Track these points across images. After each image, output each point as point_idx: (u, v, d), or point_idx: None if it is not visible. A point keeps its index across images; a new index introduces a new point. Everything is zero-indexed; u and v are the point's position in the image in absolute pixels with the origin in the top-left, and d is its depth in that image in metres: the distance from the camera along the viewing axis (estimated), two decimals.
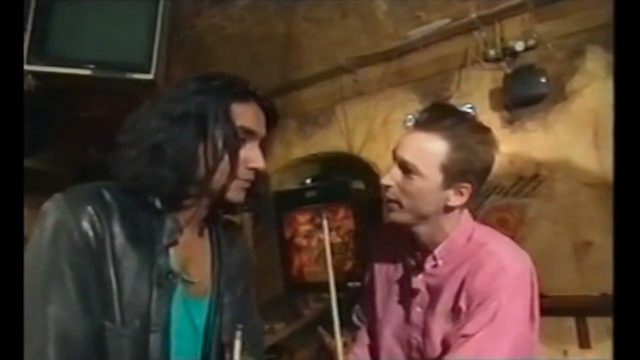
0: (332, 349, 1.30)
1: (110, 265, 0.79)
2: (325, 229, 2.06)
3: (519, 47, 2.43)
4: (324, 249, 3.49)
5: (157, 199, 0.88)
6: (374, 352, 1.29)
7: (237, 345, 0.91)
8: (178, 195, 0.88)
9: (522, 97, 2.41)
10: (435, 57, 2.73)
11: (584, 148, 2.27)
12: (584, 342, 2.12)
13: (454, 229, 1.14)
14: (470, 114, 1.17)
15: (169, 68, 2.32)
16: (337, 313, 1.97)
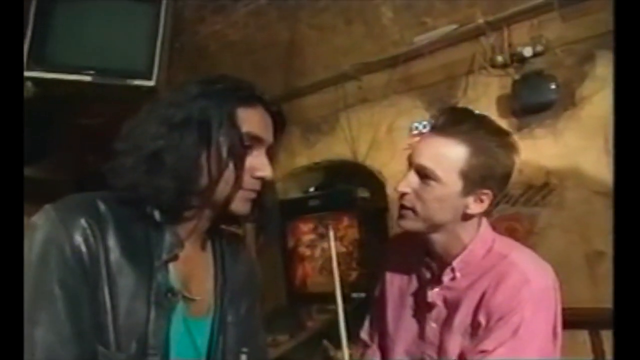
0: None
1: (104, 284, 0.73)
2: (331, 238, 2.01)
3: (527, 52, 2.38)
4: (327, 259, 3.45)
5: (156, 211, 0.81)
6: None
7: None
8: (178, 207, 0.82)
9: (531, 103, 2.36)
10: (441, 63, 2.69)
11: (595, 155, 2.22)
12: (599, 356, 2.06)
13: (473, 239, 1.08)
14: (488, 117, 1.12)
15: (171, 75, 2.27)
16: (345, 326, 1.91)
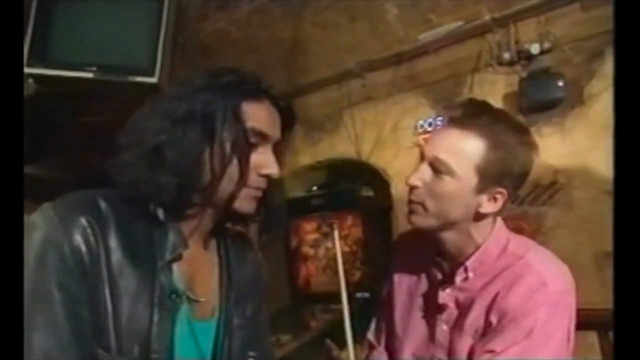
0: None
1: (105, 285, 0.70)
2: (336, 237, 1.98)
3: (535, 50, 2.35)
4: (331, 258, 3.43)
5: (160, 209, 0.79)
6: None
7: None
8: (180, 204, 0.79)
9: (538, 101, 2.33)
10: (447, 60, 2.65)
11: (603, 154, 2.17)
12: (607, 358, 2.03)
13: (487, 238, 1.05)
14: (507, 112, 1.09)
15: (174, 72, 2.25)
16: (350, 326, 1.88)
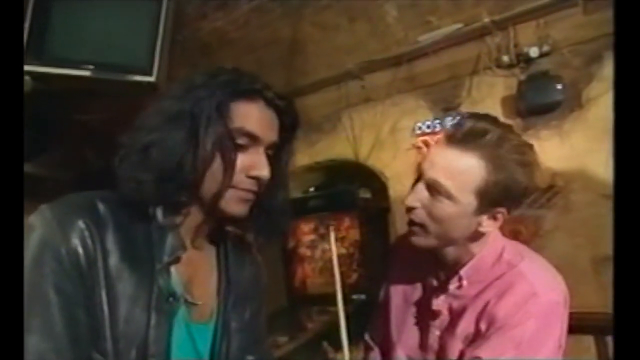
0: None
1: (102, 288, 0.70)
2: (332, 239, 1.98)
3: (534, 53, 2.35)
4: (328, 260, 3.42)
5: (159, 211, 0.78)
6: None
7: None
8: (161, 201, 0.78)
9: (537, 104, 2.33)
10: (446, 63, 2.65)
11: (602, 158, 2.18)
12: None
13: (482, 248, 1.04)
14: (513, 129, 1.01)
15: (172, 71, 2.24)
16: (346, 328, 1.88)
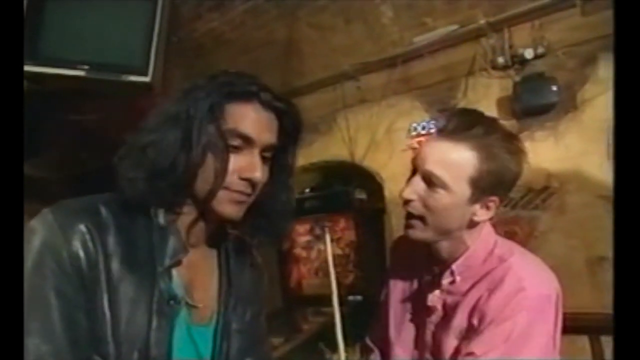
0: None
1: (103, 292, 0.70)
2: (328, 240, 1.98)
3: (529, 54, 2.36)
4: (323, 261, 3.41)
5: (160, 213, 0.78)
6: None
7: None
8: (154, 199, 0.78)
9: (532, 106, 2.34)
10: (441, 64, 2.66)
11: (597, 159, 2.19)
12: None
13: (475, 242, 1.06)
14: (499, 121, 1.07)
15: (167, 71, 2.23)
16: (341, 329, 1.88)
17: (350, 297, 2.86)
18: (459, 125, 0.98)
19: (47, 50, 1.94)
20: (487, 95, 2.52)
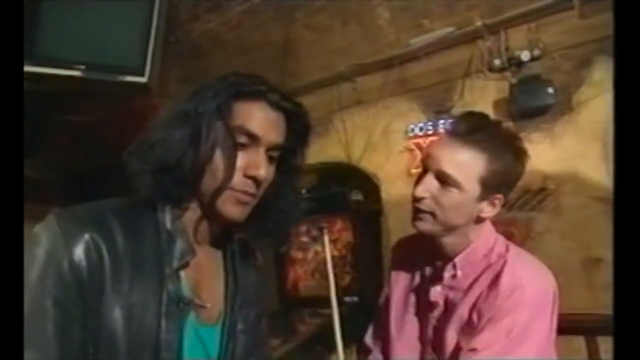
0: None
1: (112, 298, 0.69)
2: (326, 242, 1.98)
3: (525, 56, 2.38)
4: (320, 262, 3.41)
5: (168, 216, 0.78)
6: None
7: None
8: (159, 194, 0.77)
9: (528, 107, 2.36)
10: (438, 66, 2.67)
11: (593, 161, 2.21)
12: None
13: (476, 238, 1.10)
14: (503, 123, 1.16)
15: (164, 72, 2.23)
16: (340, 330, 1.87)
17: (347, 299, 2.86)
18: (468, 127, 1.04)
19: (43, 50, 1.93)
20: (483, 97, 2.54)
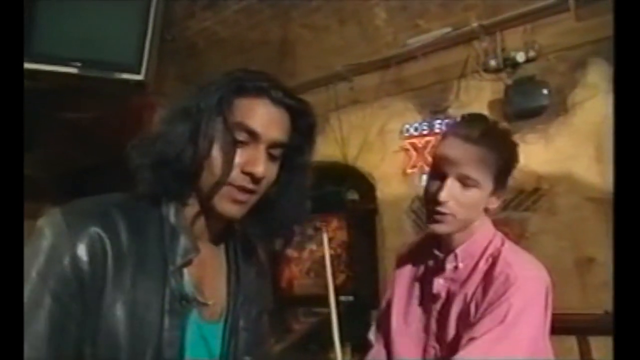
0: None
1: (116, 294, 0.69)
2: (325, 240, 1.98)
3: (520, 58, 2.39)
4: (315, 261, 3.41)
5: (171, 210, 0.78)
6: None
7: None
8: (159, 188, 0.77)
9: (523, 109, 2.37)
10: (434, 66, 2.68)
11: (586, 162, 2.23)
12: None
13: (477, 231, 1.14)
14: (497, 122, 1.22)
15: (160, 69, 2.22)
16: (338, 328, 1.88)
17: (342, 297, 2.86)
18: (480, 131, 1.11)
19: (39, 47, 1.92)
20: (479, 97, 2.55)
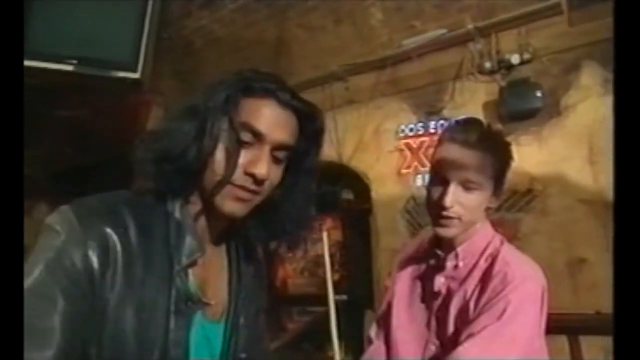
0: None
1: (124, 294, 0.69)
2: (325, 239, 1.99)
3: (515, 60, 2.41)
4: (309, 260, 3.42)
5: (177, 206, 0.78)
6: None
7: None
8: (161, 183, 0.77)
9: (517, 110, 2.39)
10: (429, 67, 2.70)
11: (579, 164, 2.25)
12: None
13: (478, 231, 1.17)
14: (491, 124, 1.25)
15: (156, 68, 2.22)
16: (327, 327, 1.89)
17: (336, 297, 2.87)
18: (478, 136, 1.14)
19: (36, 44, 1.90)
20: (473, 99, 2.57)
